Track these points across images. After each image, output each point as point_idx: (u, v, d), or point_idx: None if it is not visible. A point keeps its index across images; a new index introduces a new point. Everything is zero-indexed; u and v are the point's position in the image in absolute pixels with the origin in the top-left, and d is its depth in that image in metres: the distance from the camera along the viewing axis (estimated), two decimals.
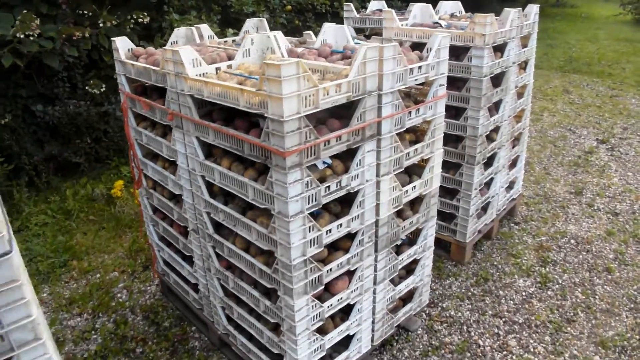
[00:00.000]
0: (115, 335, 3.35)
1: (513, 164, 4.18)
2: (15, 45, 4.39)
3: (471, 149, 3.40)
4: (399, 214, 2.75)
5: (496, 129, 3.63)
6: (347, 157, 2.30)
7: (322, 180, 2.22)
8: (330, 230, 2.29)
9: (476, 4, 12.91)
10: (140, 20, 5.13)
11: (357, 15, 4.30)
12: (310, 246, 2.22)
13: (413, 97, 2.66)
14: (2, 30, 4.38)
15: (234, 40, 3.44)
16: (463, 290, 3.51)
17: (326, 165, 2.26)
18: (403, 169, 2.56)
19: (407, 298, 3.07)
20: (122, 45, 3.02)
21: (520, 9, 3.48)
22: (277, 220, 2.14)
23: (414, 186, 2.66)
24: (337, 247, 2.49)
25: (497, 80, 3.49)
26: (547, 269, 3.68)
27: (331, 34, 2.92)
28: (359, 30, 4.32)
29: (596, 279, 3.56)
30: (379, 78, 2.22)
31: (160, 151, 2.87)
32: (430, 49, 2.48)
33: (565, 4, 16.27)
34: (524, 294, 3.45)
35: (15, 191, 4.80)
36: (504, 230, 4.18)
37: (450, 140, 3.55)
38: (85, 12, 4.98)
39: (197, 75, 2.43)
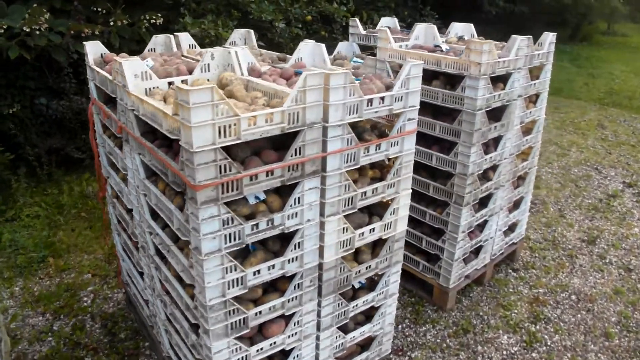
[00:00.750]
0: (70, 340, 3.19)
1: (515, 205, 3.77)
2: (23, 37, 4.35)
3: (460, 188, 3.03)
4: (356, 256, 2.44)
5: (493, 168, 3.24)
6: (288, 192, 2.02)
7: (252, 216, 1.96)
8: (259, 272, 2.02)
9: (519, 27, 12.26)
10: (153, 21, 5.02)
11: (363, 32, 4.00)
12: (232, 287, 1.96)
13: (380, 129, 2.34)
14: (12, 23, 4.35)
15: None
16: (438, 340, 3.14)
17: (258, 200, 1.99)
18: (362, 209, 2.26)
19: (366, 344, 2.75)
20: (93, 50, 2.86)
21: (530, 37, 3.09)
22: (194, 257, 1.89)
23: (372, 229, 2.34)
24: (276, 287, 2.21)
25: (498, 114, 3.11)
26: (538, 327, 3.25)
27: (307, 52, 2.65)
28: (365, 48, 4.02)
29: (591, 345, 3.11)
30: (324, 108, 1.93)
31: (117, 163, 2.68)
32: (399, 78, 2.17)
33: (616, 33, 15.28)
34: (504, 352, 3.05)
35: (13, 180, 4.77)
36: (500, 276, 3.76)
37: (442, 176, 3.19)
38: (99, 9, 4.91)
39: (147, 89, 2.23)
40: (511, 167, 3.39)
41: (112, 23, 4.82)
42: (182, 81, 2.35)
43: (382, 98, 2.11)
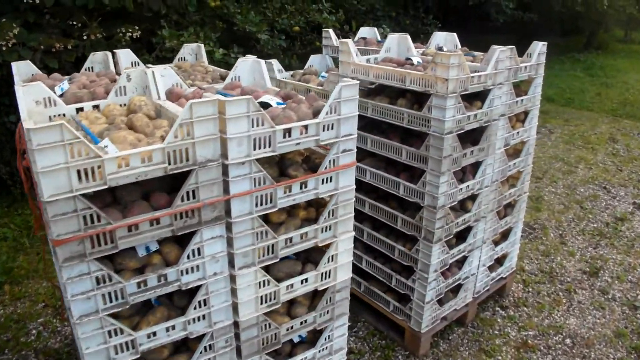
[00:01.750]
0: None
1: (504, 236, 3.28)
2: None
3: (429, 222, 2.57)
4: (290, 308, 2.01)
5: (472, 197, 2.77)
6: (189, 240, 1.61)
7: (143, 270, 1.57)
8: (154, 334, 1.62)
9: (530, 36, 11.66)
10: (129, 34, 4.70)
11: (336, 44, 3.58)
12: (120, 352, 1.57)
13: (315, 162, 1.91)
14: None
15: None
16: None
17: (149, 252, 1.59)
18: (297, 254, 1.84)
19: None
20: (22, 70, 2.52)
21: (513, 47, 2.62)
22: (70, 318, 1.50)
23: (305, 279, 1.91)
24: (188, 346, 1.81)
25: (477, 136, 2.65)
26: None
27: (246, 70, 2.26)
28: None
29: None
30: (222, 143, 1.52)
31: None
32: (328, 102, 1.74)
33: (634, 41, 14.43)
34: None
35: None
36: (485, 315, 3.27)
37: (412, 207, 2.74)
38: (75, 22, 4.62)
39: (51, 116, 1.87)
40: (495, 195, 2.90)
41: (85, 37, 4.51)
42: (94, 107, 1.98)
43: (306, 127, 1.69)
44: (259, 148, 1.61)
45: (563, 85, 9.04)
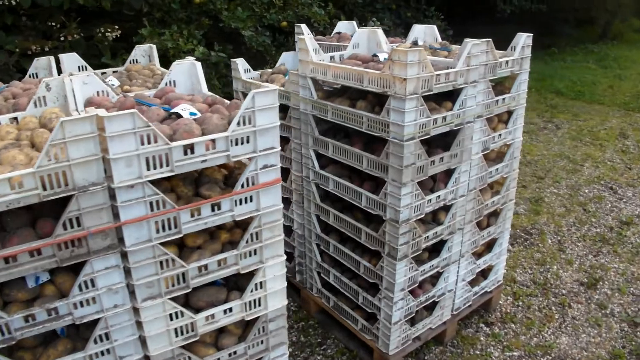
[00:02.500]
0: None
1: (489, 247, 2.96)
2: None
3: (392, 237, 2.28)
4: (219, 338, 1.76)
5: (445, 208, 2.46)
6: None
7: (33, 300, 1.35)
8: None
9: (542, 28, 11.07)
10: (108, 34, 4.49)
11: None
12: None
13: (236, 178, 1.64)
14: None
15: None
16: None
17: (39, 282, 1.36)
18: (226, 279, 1.59)
19: None
20: None
21: (489, 40, 2.29)
22: None
23: (229, 309, 1.65)
24: None
25: (451, 139, 2.34)
26: None
27: (182, 73, 2.00)
28: None
29: None
30: (107, 164, 1.27)
31: None
32: (239, 112, 1.47)
33: None
34: None
35: None
36: (468, 332, 2.96)
37: (377, 219, 2.45)
38: (54, 23, 4.43)
39: None
40: (474, 205, 2.59)
41: (62, 38, 4.32)
42: (11, 119, 1.75)
43: (214, 142, 1.42)
44: (154, 168, 1.35)
45: (574, 78, 8.53)
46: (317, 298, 3.00)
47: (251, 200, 1.58)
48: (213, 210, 1.50)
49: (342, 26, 3.58)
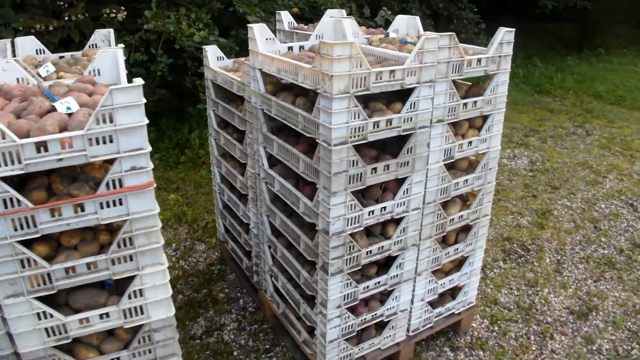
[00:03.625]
0: None
1: (460, 264, 2.61)
2: None
3: (324, 250, 2.00)
4: (103, 342, 1.58)
5: (395, 222, 2.15)
6: None
7: None
8: None
9: (594, 27, 10.10)
10: (112, 15, 4.39)
11: (287, 29, 3.02)
12: None
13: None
14: None
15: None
16: None
17: None
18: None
19: None
20: None
21: (452, 34, 1.94)
22: None
23: (106, 313, 1.45)
24: None
25: (402, 144, 2.02)
26: None
27: (106, 62, 1.82)
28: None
29: None
30: None
31: None
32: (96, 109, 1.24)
33: None
34: None
35: None
36: (428, 355, 2.64)
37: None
38: (62, 2, 4.39)
39: None
40: (433, 219, 2.25)
41: (66, 18, 4.26)
42: None
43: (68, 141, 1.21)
44: (5, 165, 1.17)
45: (616, 81, 7.68)
46: (270, 302, 2.77)
47: (120, 204, 1.37)
48: (76, 211, 1.31)
49: (333, 15, 3.27)
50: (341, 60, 1.68)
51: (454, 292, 2.68)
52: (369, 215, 2.02)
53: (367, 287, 2.20)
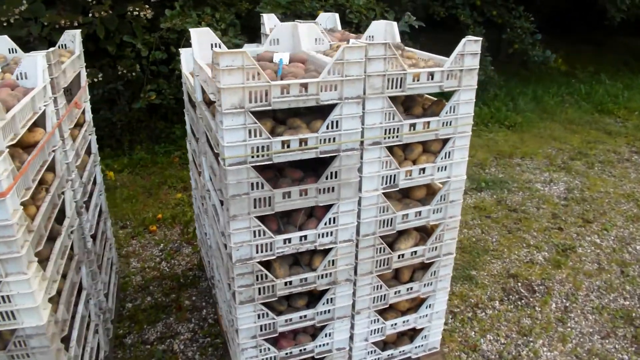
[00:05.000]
0: None
1: (419, 305, 2.23)
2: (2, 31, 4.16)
3: (232, 277, 1.77)
4: None
5: (323, 253, 1.85)
6: None
7: None
8: None
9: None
10: (136, 13, 4.44)
11: (267, 32, 2.81)
12: None
13: None
14: None
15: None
16: None
17: None
18: None
19: None
20: None
21: (388, 43, 1.61)
22: None
23: None
24: None
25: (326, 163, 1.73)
26: None
27: (28, 67, 1.74)
28: None
29: None
30: None
31: None
32: None
33: None
34: None
35: None
36: None
37: None
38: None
39: None
40: (373, 253, 1.93)
41: (90, 14, 4.36)
42: None
43: None
44: None
45: None
46: (221, 317, 2.59)
47: None
48: None
49: (323, 19, 3.01)
50: (231, 72, 1.45)
51: (414, 334, 2.32)
52: (284, 243, 1.76)
53: (290, 320, 1.93)
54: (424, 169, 1.89)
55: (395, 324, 2.18)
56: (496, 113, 6.33)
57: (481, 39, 1.78)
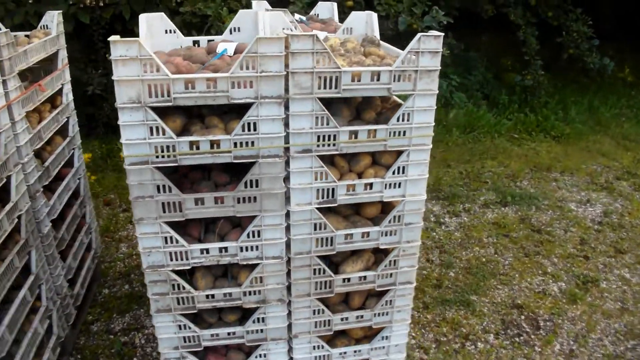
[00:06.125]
0: None
1: (375, 335, 1.95)
2: (27, 8, 4.26)
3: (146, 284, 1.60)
4: None
5: (249, 268, 1.63)
6: None
7: None
8: None
9: None
10: None
11: None
12: None
13: None
14: None
15: None
16: None
17: None
18: None
19: None
20: None
21: (315, 34, 1.35)
22: None
23: None
24: None
25: None
26: None
27: None
28: None
29: None
30: None
31: None
32: None
33: None
34: None
35: None
36: None
37: None
38: None
39: None
40: (308, 274, 1.68)
41: None
42: None
43: None
44: None
45: None
46: None
47: None
48: None
49: (324, 7, 2.72)
50: (125, 62, 1.27)
51: None
52: (202, 253, 1.57)
53: (217, 335, 1.74)
54: (370, 185, 1.61)
55: (345, 353, 1.92)
56: (543, 121, 5.70)
57: (442, 34, 1.46)
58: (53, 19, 2.38)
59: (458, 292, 2.94)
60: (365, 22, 2.10)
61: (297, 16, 2.60)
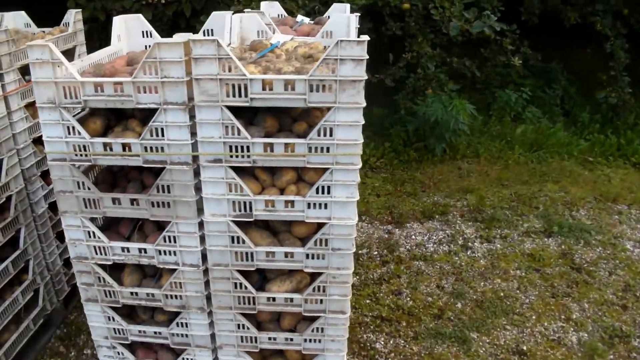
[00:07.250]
0: None
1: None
2: (97, 2, 4.64)
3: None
4: None
5: (170, 272, 1.61)
6: None
7: None
8: None
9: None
10: None
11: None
12: None
13: None
14: None
15: None
16: None
17: None
18: None
19: None
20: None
21: (216, 39, 1.28)
22: None
23: None
24: None
25: None
26: None
27: None
28: None
29: None
30: None
31: None
32: None
33: None
34: None
35: None
36: None
37: None
38: None
39: None
40: (229, 287, 1.60)
41: None
42: None
43: None
44: None
45: None
46: None
47: None
48: None
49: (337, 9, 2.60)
50: (42, 65, 1.32)
51: None
52: (122, 251, 1.59)
53: (144, 332, 1.75)
54: (292, 202, 1.49)
55: None
56: (625, 145, 4.90)
57: (366, 39, 1.29)
58: (72, 17, 2.57)
59: (458, 327, 2.64)
60: (346, 25, 1.96)
61: (299, 17, 2.53)
